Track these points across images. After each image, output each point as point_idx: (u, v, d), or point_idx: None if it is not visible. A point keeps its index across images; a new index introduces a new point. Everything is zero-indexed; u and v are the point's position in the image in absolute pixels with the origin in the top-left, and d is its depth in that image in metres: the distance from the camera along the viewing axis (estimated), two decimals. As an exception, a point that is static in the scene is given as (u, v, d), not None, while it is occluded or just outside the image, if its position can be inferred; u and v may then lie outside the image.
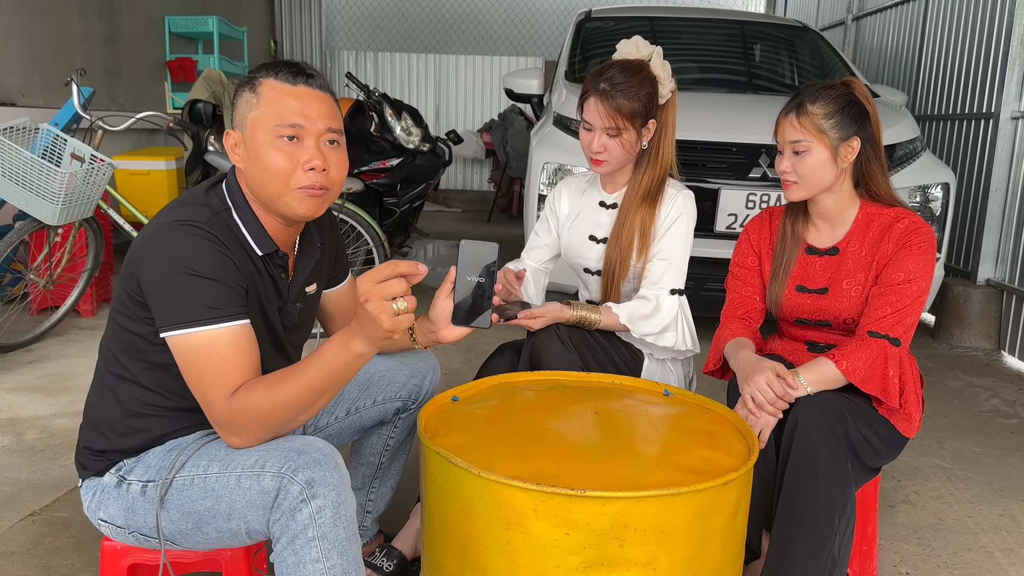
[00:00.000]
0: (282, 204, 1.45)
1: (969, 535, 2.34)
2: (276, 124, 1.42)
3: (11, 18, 4.86)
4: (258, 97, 1.44)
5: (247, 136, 1.45)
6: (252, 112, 1.44)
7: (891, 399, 1.79)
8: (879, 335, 1.80)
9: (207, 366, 1.34)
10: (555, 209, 2.26)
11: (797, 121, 1.83)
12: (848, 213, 1.92)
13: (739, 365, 1.87)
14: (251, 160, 1.45)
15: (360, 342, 1.29)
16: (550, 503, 1.34)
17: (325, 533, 1.30)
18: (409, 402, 1.87)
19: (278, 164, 1.42)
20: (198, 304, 1.34)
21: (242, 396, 1.33)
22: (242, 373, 1.36)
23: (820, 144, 1.82)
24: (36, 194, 3.39)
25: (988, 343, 4.42)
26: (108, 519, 1.48)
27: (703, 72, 4.79)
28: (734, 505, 1.46)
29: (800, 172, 1.84)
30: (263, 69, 1.47)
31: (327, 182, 1.46)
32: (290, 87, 1.44)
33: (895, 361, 1.79)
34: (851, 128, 1.83)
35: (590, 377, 1.95)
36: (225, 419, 1.34)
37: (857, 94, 1.85)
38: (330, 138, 1.47)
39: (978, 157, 4.69)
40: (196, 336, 1.34)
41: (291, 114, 1.42)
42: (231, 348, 1.35)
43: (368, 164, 4.68)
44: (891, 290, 1.81)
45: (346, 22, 10.33)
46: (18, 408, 3.02)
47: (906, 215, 1.86)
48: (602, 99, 1.98)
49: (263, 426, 1.34)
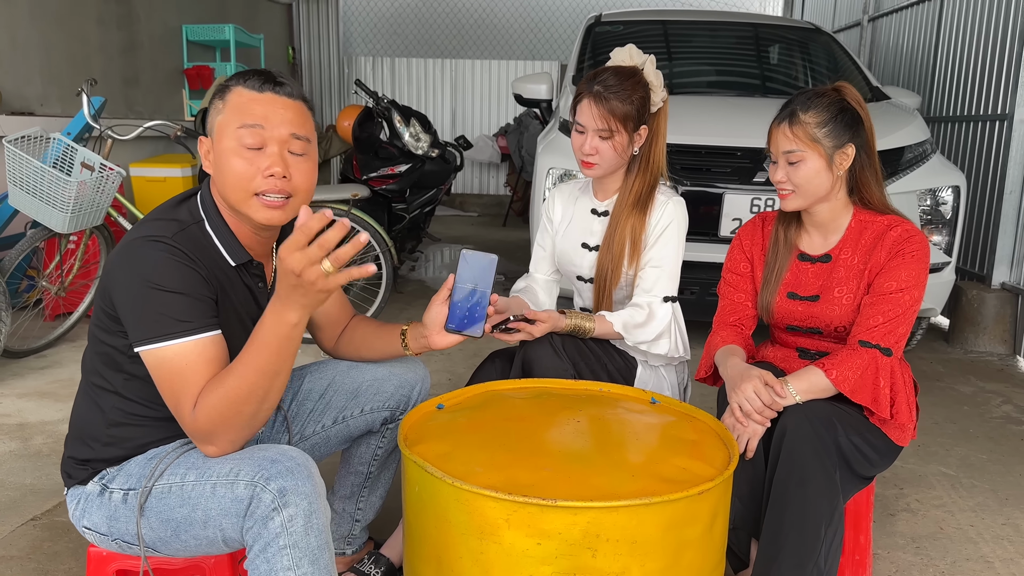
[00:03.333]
0: (244, 210, 1.46)
1: (969, 544, 2.31)
2: (238, 127, 1.43)
3: (29, 29, 4.95)
4: (225, 103, 1.45)
5: (215, 141, 1.47)
6: (219, 117, 1.46)
7: (882, 410, 1.77)
8: (870, 345, 1.78)
9: (177, 378, 1.36)
10: (550, 216, 2.27)
11: (790, 131, 1.81)
12: (841, 220, 1.90)
13: (728, 373, 1.86)
14: (217, 166, 1.47)
15: (294, 312, 1.28)
16: (522, 512, 1.34)
17: (296, 541, 1.32)
18: (397, 412, 1.88)
19: (238, 169, 1.43)
20: (166, 318, 1.36)
21: (201, 401, 1.35)
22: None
23: (814, 153, 1.80)
24: (46, 203, 3.44)
25: (1003, 348, 4.35)
26: (92, 527, 1.50)
27: (712, 76, 4.76)
28: (710, 515, 1.45)
29: (796, 182, 1.82)
30: (235, 78, 1.49)
31: (289, 189, 1.46)
32: (256, 93, 1.45)
33: (886, 371, 1.77)
34: (845, 135, 1.81)
35: (578, 385, 1.95)
36: (193, 428, 1.36)
37: (849, 100, 1.83)
38: (295, 147, 1.46)
39: (993, 159, 4.63)
40: (166, 350, 1.36)
41: (252, 116, 1.43)
42: (200, 360, 1.37)
43: (377, 170, 4.70)
44: (883, 299, 1.79)
45: (363, 28, 10.39)
46: (27, 413, 3.07)
47: (899, 223, 1.84)
48: (596, 101, 1.98)
49: (229, 425, 1.35)
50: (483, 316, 1.56)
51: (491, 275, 1.53)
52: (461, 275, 1.56)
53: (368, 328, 1.84)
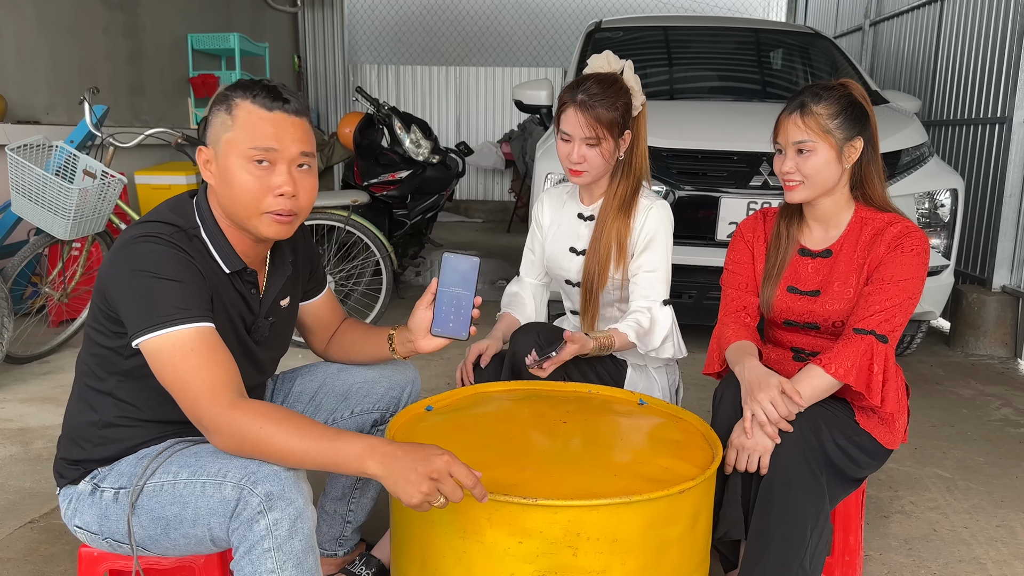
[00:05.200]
0: (250, 225, 1.49)
1: (963, 546, 2.30)
2: (250, 147, 1.45)
3: (36, 38, 5.01)
4: (233, 119, 1.46)
5: (220, 155, 1.48)
6: (226, 133, 1.47)
7: (873, 395, 1.75)
8: (865, 331, 1.77)
9: (182, 364, 1.36)
10: (539, 221, 2.29)
11: (802, 121, 1.81)
12: (843, 216, 1.91)
13: (745, 376, 1.80)
14: (222, 180, 1.48)
15: (378, 469, 1.29)
16: (503, 511, 1.36)
17: (280, 545, 1.33)
18: (387, 414, 1.89)
19: (249, 187, 1.45)
20: (166, 306, 1.37)
21: (243, 412, 1.34)
22: (220, 370, 1.38)
23: (825, 144, 1.81)
24: (49, 210, 3.48)
25: (1004, 351, 4.34)
26: (83, 525, 1.52)
27: (713, 81, 4.78)
28: (692, 514, 1.47)
29: (805, 172, 1.83)
30: (240, 90, 1.49)
31: (296, 207, 1.49)
32: (266, 112, 1.46)
33: (880, 357, 1.76)
34: (855, 128, 1.82)
35: (567, 387, 1.97)
36: (212, 422, 1.35)
37: (856, 95, 1.85)
38: (302, 162, 1.50)
39: (992, 162, 4.62)
40: (167, 337, 1.37)
41: (265, 139, 1.45)
42: (204, 346, 1.37)
43: (378, 176, 4.73)
44: (881, 288, 1.79)
45: (368, 36, 10.45)
46: (29, 418, 3.10)
47: (899, 220, 1.85)
48: (581, 109, 2.00)
49: (244, 449, 1.36)
50: (468, 318, 1.58)
51: (474, 277, 1.55)
52: (444, 279, 1.57)
53: (357, 332, 1.86)
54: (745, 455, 1.70)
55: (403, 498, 1.28)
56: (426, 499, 1.27)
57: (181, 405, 1.39)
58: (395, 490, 1.29)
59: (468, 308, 1.57)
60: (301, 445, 1.32)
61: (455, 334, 1.60)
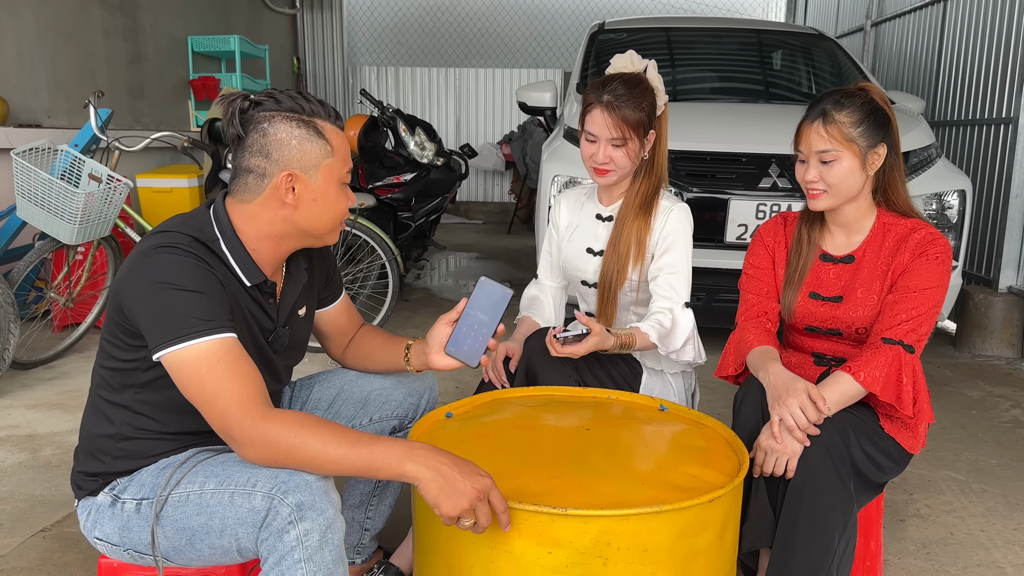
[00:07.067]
0: (327, 239, 1.58)
1: (981, 550, 2.30)
2: (346, 172, 1.54)
3: (36, 42, 4.98)
4: (331, 146, 1.49)
5: (316, 179, 1.49)
6: (327, 159, 1.49)
7: (905, 407, 1.74)
8: (893, 341, 1.76)
9: (208, 376, 1.34)
10: (557, 222, 2.27)
11: (824, 130, 1.80)
12: (865, 221, 1.90)
13: (770, 381, 1.78)
14: (316, 202, 1.50)
15: (418, 471, 1.30)
16: (532, 521, 1.34)
17: (311, 555, 1.32)
18: (406, 420, 1.88)
19: (343, 207, 1.55)
20: (188, 318, 1.35)
21: (276, 422, 1.33)
22: (248, 382, 1.36)
23: (849, 152, 1.79)
24: (54, 214, 3.46)
25: (1011, 352, 4.34)
26: (104, 537, 1.50)
27: (716, 82, 4.77)
28: (721, 523, 1.45)
29: (829, 181, 1.81)
30: (310, 105, 1.48)
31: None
32: (340, 131, 1.54)
33: (909, 368, 1.75)
34: (878, 135, 1.81)
35: (586, 392, 1.96)
36: (244, 435, 1.33)
37: (878, 100, 1.84)
38: None
39: (998, 163, 4.62)
40: (192, 349, 1.34)
41: (348, 160, 1.55)
42: (229, 357, 1.35)
43: (382, 179, 4.72)
44: (907, 297, 1.78)
45: (368, 38, 10.43)
46: (36, 424, 3.08)
47: (923, 227, 1.84)
48: (608, 110, 1.99)
49: (274, 457, 1.34)
50: (483, 346, 1.57)
51: (503, 308, 1.54)
52: (473, 302, 1.57)
53: (376, 340, 1.85)
54: (773, 458, 1.68)
55: (443, 506, 1.27)
56: (463, 513, 1.26)
57: (208, 418, 1.36)
58: (436, 496, 1.28)
59: (487, 336, 1.56)
60: (338, 451, 1.32)
61: (466, 358, 1.60)
